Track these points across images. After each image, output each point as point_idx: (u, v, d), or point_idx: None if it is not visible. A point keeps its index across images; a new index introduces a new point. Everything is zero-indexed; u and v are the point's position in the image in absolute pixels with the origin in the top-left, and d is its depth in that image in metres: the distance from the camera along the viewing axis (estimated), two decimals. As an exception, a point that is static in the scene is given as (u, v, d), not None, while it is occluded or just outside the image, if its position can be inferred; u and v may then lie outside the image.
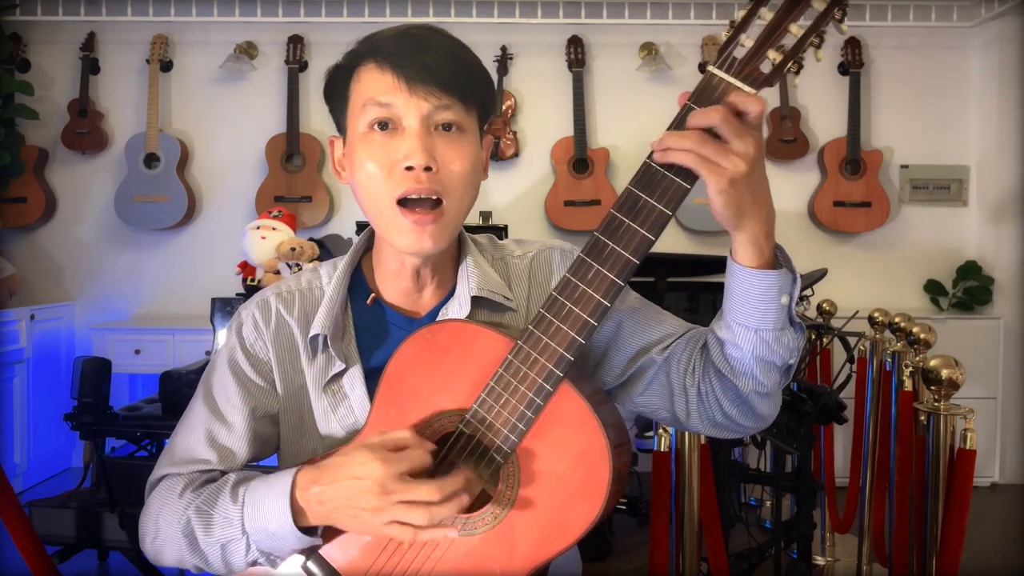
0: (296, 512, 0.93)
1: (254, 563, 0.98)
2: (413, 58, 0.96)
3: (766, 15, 0.86)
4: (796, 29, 0.85)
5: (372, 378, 1.03)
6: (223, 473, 1.05)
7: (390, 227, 0.99)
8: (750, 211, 0.87)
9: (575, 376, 0.92)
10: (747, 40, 0.86)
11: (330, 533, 0.98)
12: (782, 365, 0.96)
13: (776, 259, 0.92)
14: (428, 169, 0.96)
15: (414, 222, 0.97)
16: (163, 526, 1.01)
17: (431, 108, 0.96)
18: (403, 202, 0.97)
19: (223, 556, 0.98)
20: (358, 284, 1.10)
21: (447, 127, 0.98)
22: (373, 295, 1.08)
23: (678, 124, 0.86)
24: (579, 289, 0.90)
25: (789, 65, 0.86)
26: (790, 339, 0.94)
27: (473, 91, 1.00)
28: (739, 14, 0.86)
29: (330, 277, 1.10)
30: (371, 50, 0.99)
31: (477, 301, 1.05)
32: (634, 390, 1.06)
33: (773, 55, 0.85)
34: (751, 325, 0.93)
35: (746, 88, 0.85)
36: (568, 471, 0.91)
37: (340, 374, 1.05)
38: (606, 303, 0.89)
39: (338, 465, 0.92)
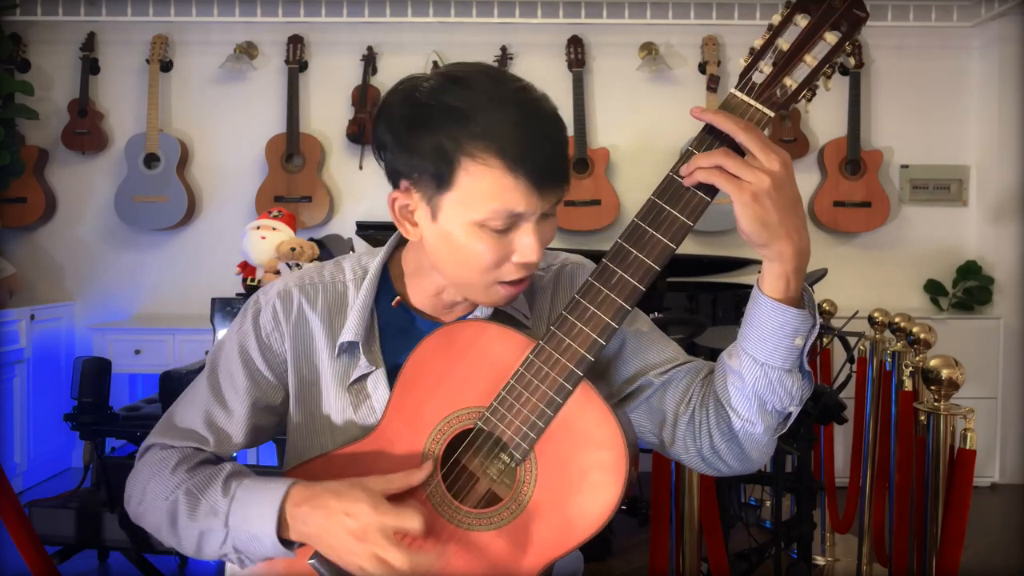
0: (281, 524, 0.94)
1: (224, 556, 1.00)
2: (544, 160, 0.92)
3: (782, 44, 0.91)
4: (810, 59, 0.90)
5: (393, 378, 1.04)
6: (216, 456, 1.07)
7: (479, 293, 1.00)
8: (776, 231, 0.88)
9: (592, 377, 0.95)
10: (766, 66, 0.91)
11: None
12: (781, 410, 0.97)
13: (801, 299, 0.93)
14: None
15: (513, 293, 1.00)
16: (149, 495, 1.03)
17: (550, 206, 0.96)
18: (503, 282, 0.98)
19: (198, 541, 0.99)
20: (383, 284, 1.09)
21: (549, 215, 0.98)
22: (399, 298, 1.08)
23: (699, 141, 0.91)
24: (602, 293, 0.93)
25: (804, 92, 0.91)
26: (795, 385, 0.95)
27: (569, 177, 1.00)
28: (757, 42, 0.92)
29: (354, 274, 1.10)
30: (495, 140, 0.90)
31: (497, 315, 1.06)
32: (626, 408, 1.07)
33: (789, 82, 0.91)
34: (758, 358, 0.94)
35: (765, 110, 0.91)
36: (587, 466, 0.93)
37: (365, 375, 1.05)
38: (627, 307, 0.93)
39: (333, 494, 0.93)
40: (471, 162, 0.91)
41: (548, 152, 0.93)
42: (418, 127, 0.93)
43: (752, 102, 0.91)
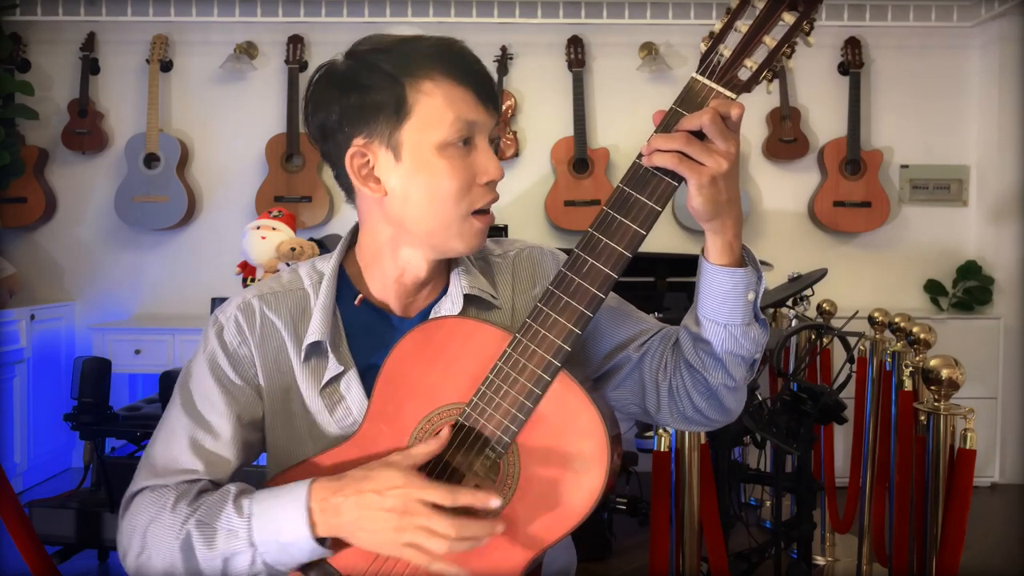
0: (311, 522, 0.92)
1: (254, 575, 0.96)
2: (477, 74, 1.00)
3: (741, 26, 0.93)
4: (769, 40, 0.92)
5: (366, 378, 1.04)
6: (212, 483, 1.03)
7: (454, 235, 1.02)
8: (725, 209, 0.93)
9: (568, 365, 0.96)
10: (725, 49, 0.93)
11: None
12: (748, 358, 1.02)
13: (743, 259, 0.98)
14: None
15: (485, 226, 1.04)
16: (152, 540, 0.97)
17: (493, 124, 1.03)
18: (475, 211, 1.02)
19: (224, 569, 0.95)
20: (343, 285, 1.10)
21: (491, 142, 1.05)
22: (361, 296, 1.08)
23: (665, 127, 0.92)
24: (575, 282, 0.95)
25: (764, 73, 0.93)
26: (756, 334, 1.01)
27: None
28: (717, 26, 0.93)
29: (311, 279, 1.10)
30: (435, 61, 0.98)
31: (468, 299, 1.08)
32: (607, 385, 1.11)
33: (750, 63, 0.92)
34: (721, 320, 0.99)
35: (727, 93, 0.92)
36: (569, 456, 0.94)
37: (337, 377, 1.05)
38: (601, 295, 0.94)
39: (361, 478, 0.92)
40: (422, 80, 0.98)
41: (479, 69, 1.01)
42: (357, 78, 0.99)
43: (714, 85, 0.92)
